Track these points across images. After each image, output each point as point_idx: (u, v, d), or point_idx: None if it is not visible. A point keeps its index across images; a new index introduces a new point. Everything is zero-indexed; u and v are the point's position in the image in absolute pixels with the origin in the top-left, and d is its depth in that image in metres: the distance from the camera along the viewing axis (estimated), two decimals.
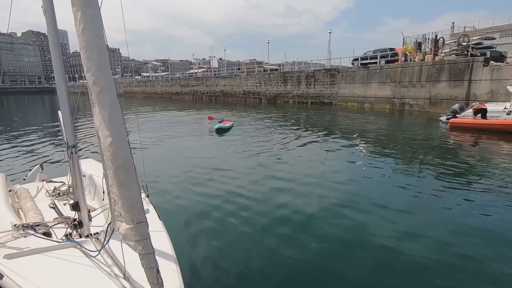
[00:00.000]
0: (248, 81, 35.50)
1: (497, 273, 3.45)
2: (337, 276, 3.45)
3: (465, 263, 3.62)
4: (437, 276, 3.38)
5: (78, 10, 1.57)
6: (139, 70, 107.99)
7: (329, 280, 3.38)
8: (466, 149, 10.35)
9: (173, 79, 52.12)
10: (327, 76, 27.07)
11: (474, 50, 18.15)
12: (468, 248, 3.91)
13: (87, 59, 1.57)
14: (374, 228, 4.46)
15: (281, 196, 5.75)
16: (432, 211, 5.12)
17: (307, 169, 7.56)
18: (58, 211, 3.51)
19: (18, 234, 2.52)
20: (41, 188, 4.26)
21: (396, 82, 21.54)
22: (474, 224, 4.61)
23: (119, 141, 1.61)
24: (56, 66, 2.42)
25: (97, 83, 1.56)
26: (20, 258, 2.27)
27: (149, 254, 1.70)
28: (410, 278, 3.39)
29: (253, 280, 3.36)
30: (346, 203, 5.39)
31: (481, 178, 6.87)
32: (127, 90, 63.05)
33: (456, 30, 31.37)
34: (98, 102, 1.57)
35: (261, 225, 4.58)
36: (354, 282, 3.35)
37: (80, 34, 1.58)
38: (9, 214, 2.95)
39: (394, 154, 9.47)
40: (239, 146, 10.45)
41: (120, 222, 1.70)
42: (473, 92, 17.38)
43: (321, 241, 4.13)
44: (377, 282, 3.34)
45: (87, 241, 2.55)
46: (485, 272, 3.46)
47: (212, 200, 5.51)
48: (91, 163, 4.75)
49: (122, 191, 1.63)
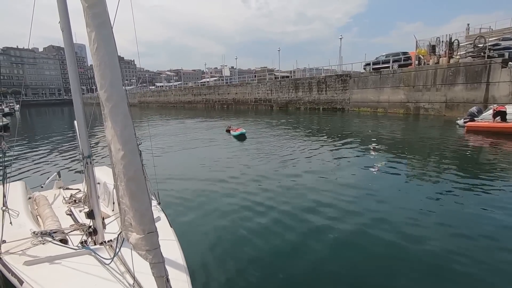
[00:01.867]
0: (259, 89, 35.74)
1: None
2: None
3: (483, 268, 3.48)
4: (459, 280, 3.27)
5: (92, 31, 1.66)
6: (153, 80, 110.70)
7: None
8: (482, 153, 10.02)
9: (185, 88, 53.13)
10: (339, 81, 26.90)
11: (491, 52, 17.64)
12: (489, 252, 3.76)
13: (101, 76, 1.66)
14: (396, 233, 4.36)
15: (297, 205, 5.56)
16: (450, 215, 4.97)
17: (323, 176, 7.40)
18: (74, 218, 3.64)
19: (37, 241, 2.65)
20: (58, 195, 4.43)
21: (410, 86, 21.15)
22: (496, 227, 4.44)
23: (131, 154, 1.68)
24: (72, 81, 2.56)
25: (110, 99, 1.64)
26: (39, 265, 2.37)
27: (159, 263, 1.74)
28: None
29: None
30: (364, 209, 5.28)
31: (499, 181, 6.62)
32: (141, 100, 64.66)
33: (472, 31, 30.62)
34: (111, 117, 1.65)
35: (277, 236, 4.42)
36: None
37: (94, 53, 1.67)
38: (28, 221, 3.10)
39: (411, 159, 9.24)
40: (252, 154, 10.49)
41: (130, 232, 1.76)
42: (491, 94, 16.83)
43: (342, 252, 4.01)
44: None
45: (101, 248, 2.64)
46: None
47: (224, 208, 5.50)
48: (106, 170, 4.89)
49: (133, 202, 1.69)
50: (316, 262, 3.78)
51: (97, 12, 1.67)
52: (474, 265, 3.62)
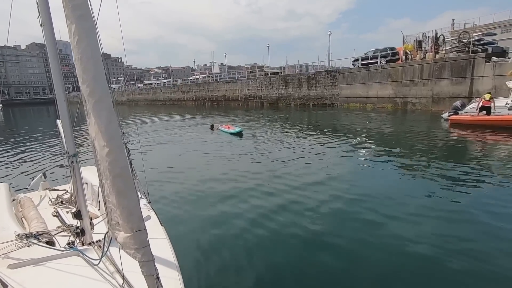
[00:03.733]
0: (249, 85, 35.61)
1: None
2: (349, 281, 3.42)
3: (472, 262, 3.58)
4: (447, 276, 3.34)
5: (72, 23, 1.59)
6: (142, 78, 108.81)
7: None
8: (464, 145, 10.44)
9: (175, 85, 52.46)
10: (328, 77, 27.06)
11: (475, 47, 18.05)
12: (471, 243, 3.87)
13: (83, 70, 1.59)
14: (385, 227, 4.43)
15: (286, 199, 5.65)
16: (432, 207, 5.09)
17: (313, 172, 7.49)
18: (61, 219, 3.53)
19: (22, 243, 2.55)
20: (44, 197, 4.29)
21: (398, 81, 21.46)
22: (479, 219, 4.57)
23: (117, 151, 1.63)
24: (55, 77, 2.45)
25: (93, 94, 1.58)
26: (24, 267, 2.29)
27: (149, 261, 1.70)
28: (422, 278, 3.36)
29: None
30: (353, 203, 5.37)
31: (479, 171, 6.92)
32: (130, 98, 63.50)
33: (457, 27, 31.23)
34: (94, 113, 1.59)
35: (266, 231, 4.47)
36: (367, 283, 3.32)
37: (75, 46, 1.60)
38: (12, 223, 2.98)
39: (397, 153, 9.41)
40: (243, 151, 10.46)
41: (118, 231, 1.71)
42: (476, 88, 17.25)
43: (331, 248, 4.03)
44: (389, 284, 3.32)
45: (90, 249, 2.57)
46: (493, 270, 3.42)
47: (215, 205, 5.49)
48: (93, 169, 4.77)
49: (120, 200, 1.64)
50: (308, 262, 3.81)
51: (77, 4, 1.60)
52: (468, 264, 3.70)
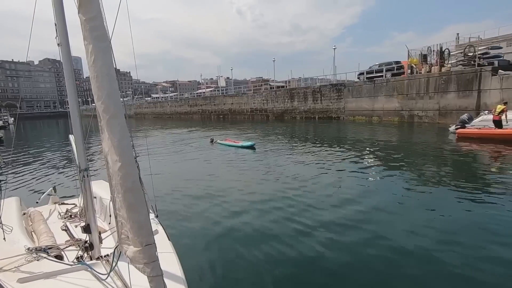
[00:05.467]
0: (255, 99, 35.98)
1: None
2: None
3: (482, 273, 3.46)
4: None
5: (89, 44, 1.68)
6: (149, 91, 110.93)
7: None
8: (471, 158, 10.32)
9: (181, 99, 53.29)
10: (334, 91, 27.22)
11: (481, 60, 18.05)
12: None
13: (98, 88, 1.66)
14: (388, 238, 4.34)
15: (295, 216, 5.52)
16: (438, 221, 4.98)
17: (320, 186, 7.41)
18: (70, 233, 3.56)
19: (31, 257, 2.58)
20: (54, 211, 4.34)
21: (404, 95, 21.46)
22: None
23: (128, 165, 1.67)
24: (70, 94, 2.54)
25: (107, 110, 1.64)
26: (33, 282, 2.30)
27: (158, 276, 1.70)
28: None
29: None
30: (359, 216, 5.28)
31: (483, 188, 6.80)
32: (137, 112, 64.61)
33: (462, 41, 31.35)
34: (108, 128, 1.64)
35: (275, 248, 4.36)
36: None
37: (91, 65, 1.68)
38: (22, 237, 3.02)
39: (403, 166, 9.29)
40: (249, 166, 10.45)
41: (127, 245, 1.72)
42: (483, 101, 17.13)
43: (338, 263, 3.96)
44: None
45: (98, 263, 2.57)
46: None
47: (223, 221, 5.42)
48: (103, 184, 4.82)
49: (131, 214, 1.66)
50: (321, 279, 3.74)
51: (95, 26, 1.68)
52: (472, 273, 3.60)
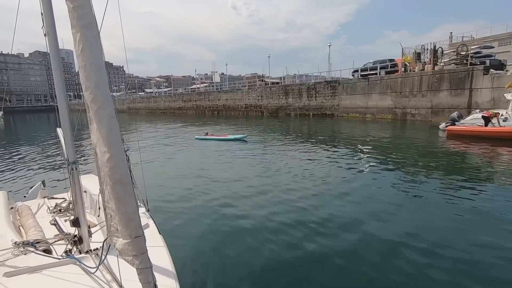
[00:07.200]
0: (249, 95, 35.88)
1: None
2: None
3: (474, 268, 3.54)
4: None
5: (77, 32, 1.63)
6: (143, 86, 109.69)
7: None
8: (458, 155, 10.57)
9: (175, 94, 52.83)
10: (328, 88, 27.30)
11: (473, 59, 18.28)
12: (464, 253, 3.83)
13: (86, 78, 1.63)
14: (379, 231, 4.40)
15: (285, 208, 5.63)
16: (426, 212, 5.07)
17: (312, 181, 7.48)
18: (59, 227, 3.51)
19: (18, 251, 2.53)
20: (42, 205, 4.27)
21: (397, 92, 21.64)
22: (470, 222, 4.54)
23: (117, 157, 1.64)
24: (57, 85, 2.48)
25: (96, 101, 1.61)
26: (20, 275, 2.26)
27: (147, 268, 1.69)
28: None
29: None
30: (351, 212, 5.34)
31: (470, 184, 6.99)
32: (130, 106, 63.87)
33: (454, 40, 31.70)
34: (96, 119, 1.61)
35: (265, 240, 4.44)
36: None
37: (79, 55, 1.64)
38: (9, 231, 2.96)
39: (394, 162, 9.43)
40: (242, 159, 10.46)
41: (116, 238, 1.70)
42: (474, 100, 17.39)
43: (328, 258, 4.01)
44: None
45: (87, 257, 2.54)
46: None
47: (214, 214, 5.46)
48: (93, 178, 4.76)
49: (119, 206, 1.64)
50: (306, 275, 3.78)
51: (82, 13, 1.64)
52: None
